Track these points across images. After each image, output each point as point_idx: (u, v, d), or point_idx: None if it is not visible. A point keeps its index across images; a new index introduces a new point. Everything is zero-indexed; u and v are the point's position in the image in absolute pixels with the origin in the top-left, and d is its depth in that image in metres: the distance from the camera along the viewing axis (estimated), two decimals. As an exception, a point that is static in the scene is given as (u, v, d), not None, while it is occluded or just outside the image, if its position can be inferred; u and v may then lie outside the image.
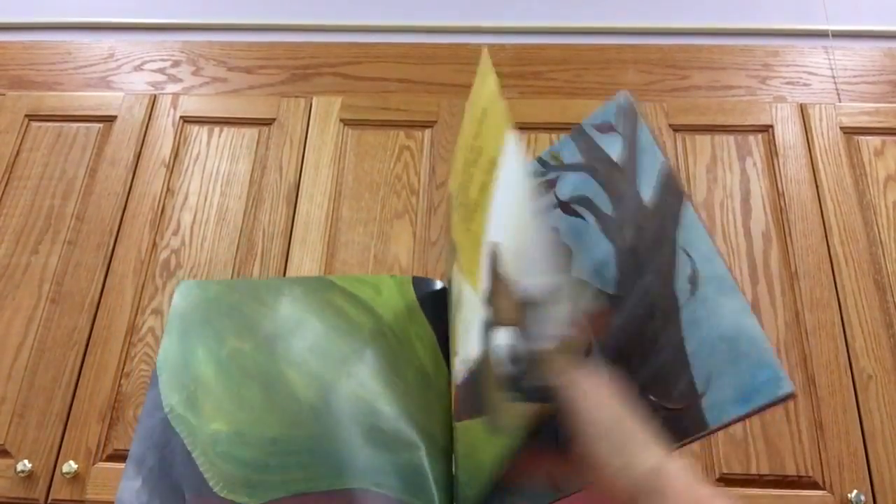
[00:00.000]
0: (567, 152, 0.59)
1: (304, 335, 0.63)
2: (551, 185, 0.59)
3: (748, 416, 0.45)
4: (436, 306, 0.66)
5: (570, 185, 0.57)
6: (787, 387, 0.44)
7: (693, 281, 0.49)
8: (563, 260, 0.55)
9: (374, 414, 0.58)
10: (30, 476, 1.18)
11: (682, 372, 0.47)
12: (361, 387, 0.59)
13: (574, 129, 0.59)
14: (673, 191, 0.52)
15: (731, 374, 0.46)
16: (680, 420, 0.46)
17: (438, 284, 0.69)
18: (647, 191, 0.52)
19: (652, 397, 0.48)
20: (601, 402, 0.45)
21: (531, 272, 0.48)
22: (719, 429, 0.46)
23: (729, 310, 0.47)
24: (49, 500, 1.17)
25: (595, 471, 0.44)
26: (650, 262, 0.51)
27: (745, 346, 0.46)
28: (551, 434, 0.49)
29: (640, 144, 0.55)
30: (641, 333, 0.49)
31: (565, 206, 0.57)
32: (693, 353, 0.47)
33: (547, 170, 0.60)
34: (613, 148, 0.56)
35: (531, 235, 0.48)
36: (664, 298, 0.49)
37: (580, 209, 0.56)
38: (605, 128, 0.57)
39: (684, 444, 0.46)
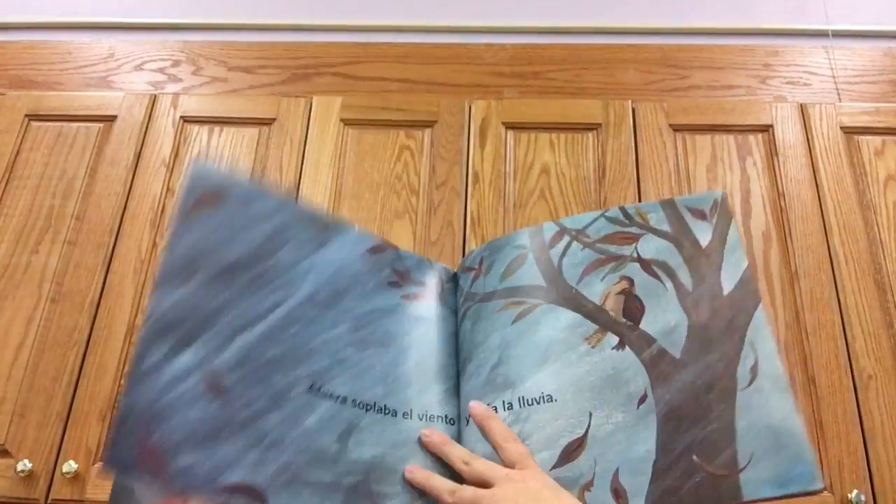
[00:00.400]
0: (654, 216, 0.65)
1: None
2: (632, 238, 0.64)
3: (778, 498, 0.52)
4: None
5: (653, 247, 0.64)
6: (819, 484, 0.53)
7: (754, 372, 0.56)
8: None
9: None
10: (30, 476, 1.18)
11: (728, 444, 0.54)
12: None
13: (665, 201, 0.66)
14: (751, 292, 0.60)
15: (772, 459, 0.53)
16: (718, 485, 0.53)
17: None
18: (728, 283, 0.61)
19: (695, 458, 0.54)
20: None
21: None
22: (750, 502, 0.52)
23: (780, 407, 0.55)
24: (49, 500, 1.17)
25: None
26: (718, 344, 0.58)
27: (788, 441, 0.54)
28: None
29: (728, 242, 0.63)
30: (697, 400, 0.56)
31: (645, 264, 0.63)
32: (741, 431, 0.54)
33: (630, 223, 0.65)
34: (702, 234, 0.63)
35: None
36: (725, 378, 0.57)
37: (660, 273, 0.62)
38: (698, 213, 0.64)
39: None
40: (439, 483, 0.54)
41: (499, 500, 0.51)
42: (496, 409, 0.58)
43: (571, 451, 0.55)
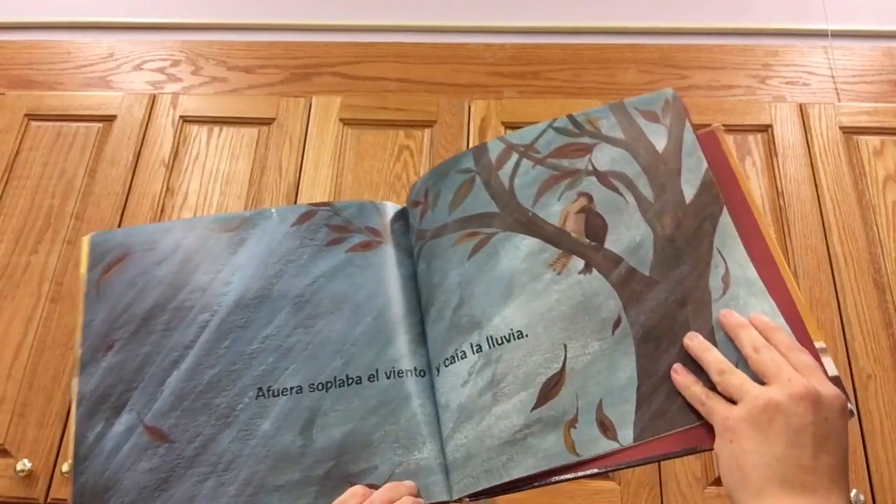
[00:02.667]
0: (606, 123, 0.61)
1: None
2: (584, 149, 0.59)
3: None
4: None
5: (608, 157, 0.59)
6: None
7: (725, 281, 0.53)
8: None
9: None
10: (30, 475, 1.18)
11: None
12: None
13: (614, 104, 0.61)
14: (714, 196, 0.56)
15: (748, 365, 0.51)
16: None
17: (391, 207, 0.65)
18: (689, 190, 0.56)
19: None
20: None
21: None
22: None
23: (758, 310, 0.52)
24: (49, 500, 1.17)
25: None
26: (686, 255, 0.54)
27: (775, 337, 0.50)
28: None
29: (685, 145, 0.58)
30: (673, 318, 0.52)
31: (602, 177, 0.58)
32: (721, 341, 0.51)
33: (581, 133, 0.61)
34: (657, 138, 0.59)
35: None
36: (698, 290, 0.53)
37: (619, 185, 0.57)
38: (650, 115, 0.60)
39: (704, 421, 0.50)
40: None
41: (741, 421, 0.46)
42: (465, 353, 0.55)
43: (550, 388, 0.52)
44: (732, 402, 0.48)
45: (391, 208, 0.64)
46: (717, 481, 1.14)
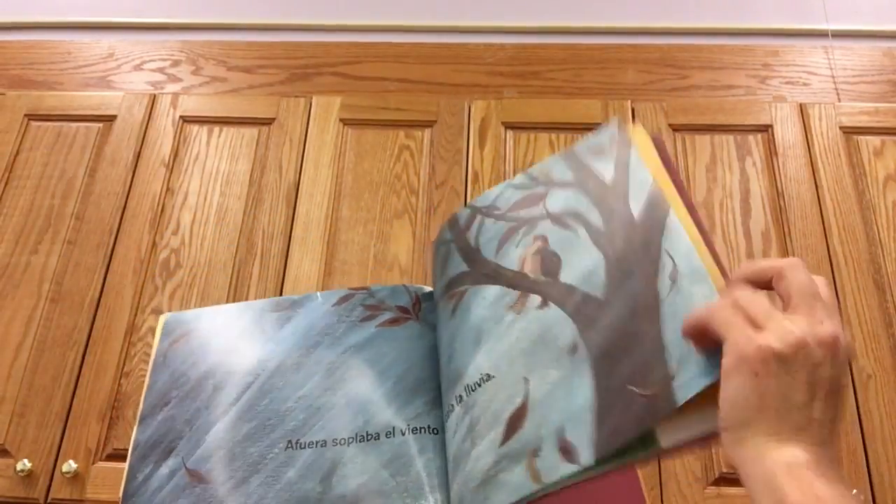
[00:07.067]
0: (557, 170, 0.65)
1: None
2: (540, 197, 0.64)
3: (711, 385, 0.47)
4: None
5: (560, 200, 0.62)
6: None
7: (673, 277, 0.53)
8: None
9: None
10: (30, 475, 1.18)
11: (657, 360, 0.51)
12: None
13: (564, 152, 0.65)
14: (660, 202, 0.57)
15: (697, 353, 0.50)
16: (655, 403, 0.49)
17: (421, 289, 0.72)
18: (636, 206, 0.58)
19: (631, 388, 0.51)
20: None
21: None
22: (687, 401, 0.48)
23: (701, 296, 0.51)
24: (49, 500, 1.17)
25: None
26: (636, 268, 0.55)
27: None
28: None
29: (630, 166, 0.60)
30: (625, 331, 0.53)
31: (556, 219, 0.62)
32: (668, 341, 0.51)
33: (536, 184, 0.65)
34: (605, 169, 0.62)
35: None
36: (646, 297, 0.54)
37: (571, 222, 0.61)
38: (597, 150, 0.64)
39: (660, 425, 0.49)
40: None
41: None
42: (453, 406, 0.58)
43: (515, 422, 0.54)
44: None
45: (420, 290, 0.71)
46: (717, 481, 1.14)
